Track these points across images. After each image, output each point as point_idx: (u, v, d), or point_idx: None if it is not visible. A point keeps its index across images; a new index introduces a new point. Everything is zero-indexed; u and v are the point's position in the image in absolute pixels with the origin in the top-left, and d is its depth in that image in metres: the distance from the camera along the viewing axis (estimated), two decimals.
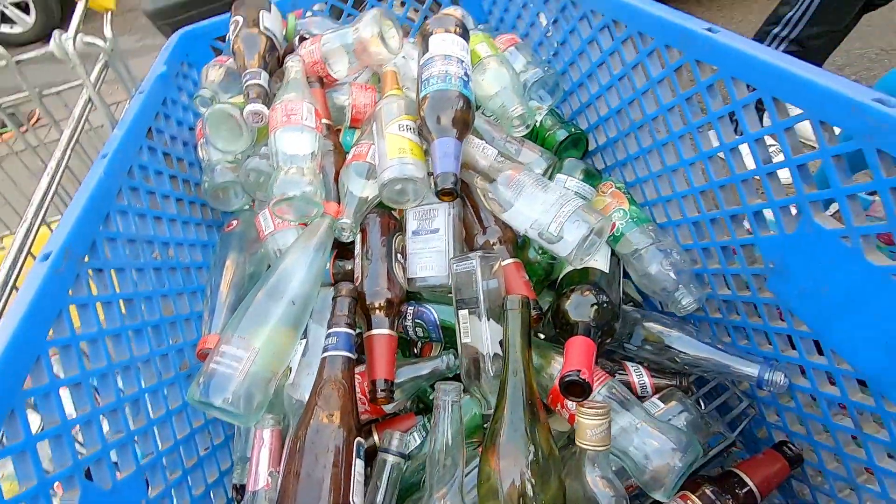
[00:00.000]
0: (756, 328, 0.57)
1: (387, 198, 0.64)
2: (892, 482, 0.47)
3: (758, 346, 0.58)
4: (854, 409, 0.48)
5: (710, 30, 0.49)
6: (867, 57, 2.10)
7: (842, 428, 0.50)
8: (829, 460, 0.54)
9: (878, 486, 0.48)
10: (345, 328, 0.57)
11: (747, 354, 0.57)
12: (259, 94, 0.69)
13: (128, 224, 0.56)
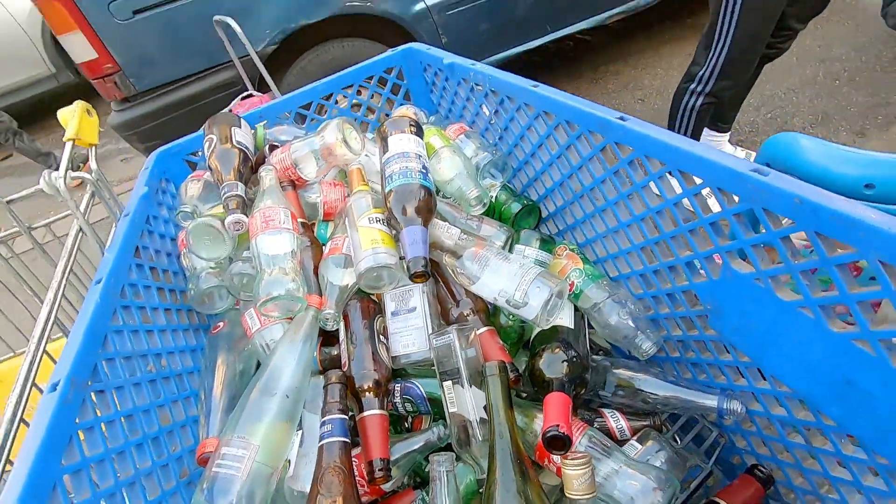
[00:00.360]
0: (709, 363, 0.64)
1: (365, 285, 0.70)
2: (847, 489, 0.52)
3: (714, 378, 0.64)
4: (801, 427, 0.54)
5: (622, 118, 0.59)
6: (777, 96, 2.36)
7: (796, 445, 0.56)
8: (794, 476, 0.59)
9: (837, 495, 0.53)
10: (338, 414, 0.61)
11: (707, 388, 0.63)
12: (238, 204, 0.75)
13: (123, 342, 0.59)
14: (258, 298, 0.66)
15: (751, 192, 0.46)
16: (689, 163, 0.51)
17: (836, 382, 0.47)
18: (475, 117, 0.93)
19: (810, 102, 2.26)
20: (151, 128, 2.06)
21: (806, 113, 2.21)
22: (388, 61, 1.02)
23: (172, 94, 2.03)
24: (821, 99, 2.26)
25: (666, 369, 0.72)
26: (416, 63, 1.03)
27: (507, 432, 0.57)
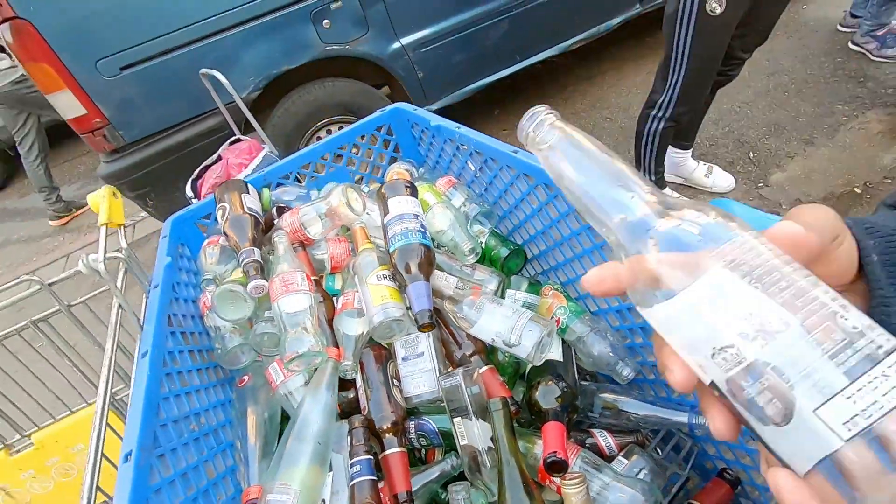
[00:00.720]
0: None
1: (378, 336, 0.79)
2: None
3: (685, 396, 0.75)
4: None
5: None
6: (733, 110, 2.54)
7: (754, 451, 0.67)
8: (756, 476, 0.70)
9: None
10: (365, 455, 0.70)
11: (679, 406, 0.73)
12: (257, 269, 0.84)
13: (170, 408, 0.67)
14: (285, 356, 0.74)
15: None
16: None
17: None
18: (461, 171, 1.03)
19: (763, 115, 2.44)
20: (141, 177, 2.12)
21: (760, 125, 2.38)
22: (377, 121, 1.12)
23: (160, 142, 2.10)
24: (772, 110, 2.44)
25: (645, 389, 0.83)
26: (404, 121, 1.13)
27: (512, 459, 0.67)
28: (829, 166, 2.08)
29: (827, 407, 0.21)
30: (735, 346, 0.24)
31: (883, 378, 0.21)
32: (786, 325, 0.23)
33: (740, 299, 0.24)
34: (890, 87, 2.33)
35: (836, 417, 0.21)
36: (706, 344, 0.25)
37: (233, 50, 2.02)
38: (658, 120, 1.78)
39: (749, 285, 0.25)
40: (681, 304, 0.26)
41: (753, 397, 0.23)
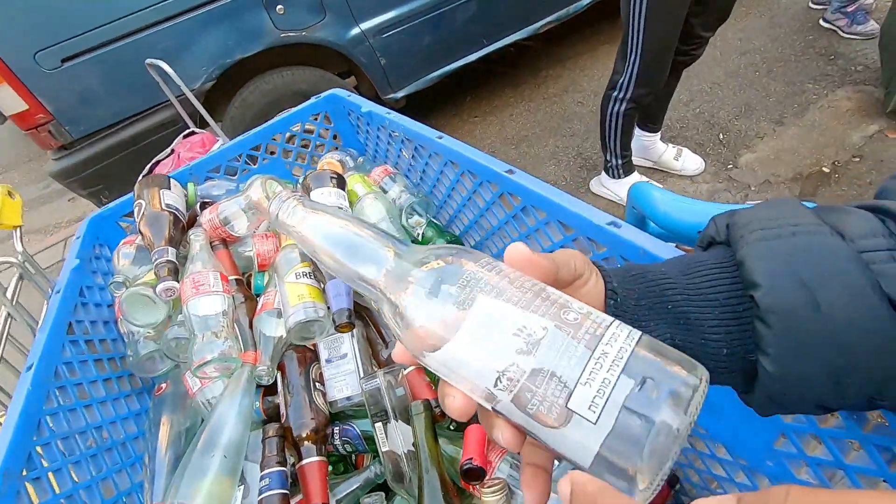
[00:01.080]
0: None
1: (295, 338, 0.74)
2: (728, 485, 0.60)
3: None
4: None
5: (510, 171, 0.65)
6: (704, 91, 2.50)
7: (687, 450, 0.63)
8: (692, 475, 0.67)
9: (722, 489, 0.61)
10: (276, 467, 0.65)
11: None
12: (169, 270, 0.78)
13: (59, 423, 0.62)
14: (192, 363, 0.69)
15: (610, 242, 0.52)
16: (563, 215, 0.58)
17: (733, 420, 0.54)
18: (398, 159, 0.98)
19: (734, 95, 2.40)
20: (93, 173, 2.04)
21: (730, 106, 2.35)
22: (313, 108, 1.06)
23: (111, 137, 2.01)
24: (743, 90, 2.40)
25: None
26: (341, 108, 1.07)
27: (432, 466, 0.63)
28: (798, 146, 2.05)
29: (573, 398, 0.23)
30: (515, 363, 0.25)
31: (602, 356, 0.23)
32: (545, 328, 0.25)
33: (509, 319, 0.25)
34: (860, 64, 2.30)
35: (582, 404, 0.22)
36: (489, 371, 0.25)
37: (182, 39, 1.93)
38: (619, 101, 1.73)
39: (510, 305, 0.26)
40: (457, 343, 0.26)
41: (535, 408, 0.24)
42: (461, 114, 3.01)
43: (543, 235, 0.65)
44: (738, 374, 0.31)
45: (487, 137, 2.75)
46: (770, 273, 0.28)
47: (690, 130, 2.30)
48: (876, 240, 0.27)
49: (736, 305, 0.30)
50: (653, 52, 1.54)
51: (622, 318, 0.30)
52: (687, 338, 0.31)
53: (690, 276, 0.32)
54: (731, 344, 0.30)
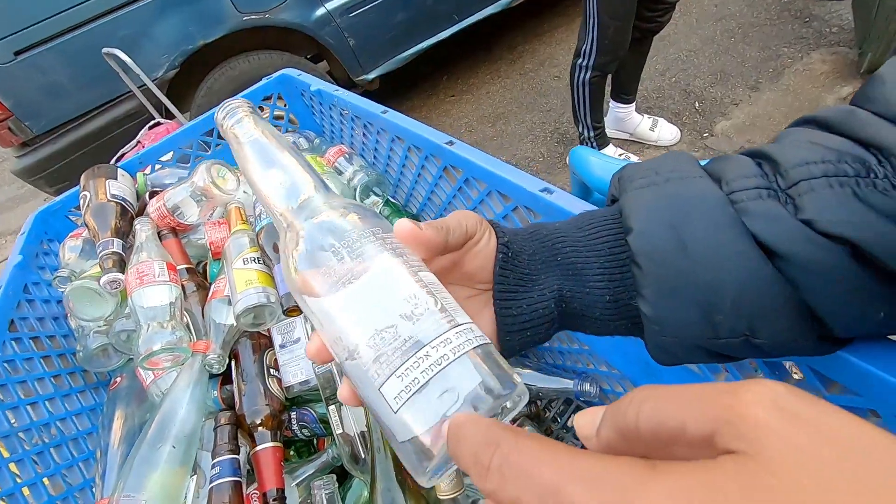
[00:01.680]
0: (568, 350, 0.70)
1: (245, 325, 0.72)
2: None
3: (575, 364, 0.71)
4: None
5: (450, 142, 0.63)
6: (680, 59, 2.47)
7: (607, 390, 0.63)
8: None
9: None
10: (227, 455, 0.64)
11: (565, 373, 0.69)
12: (115, 262, 0.76)
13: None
14: (138, 355, 0.68)
15: (544, 209, 0.51)
16: (501, 185, 0.56)
17: (640, 363, 0.54)
18: (352, 139, 0.95)
19: (709, 62, 2.37)
20: (59, 169, 1.99)
21: (706, 73, 2.32)
22: (264, 89, 1.03)
23: (75, 131, 1.97)
24: (718, 57, 2.37)
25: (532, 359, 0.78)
26: (293, 88, 1.04)
27: (384, 446, 0.62)
28: (773, 111, 2.04)
29: (385, 385, 0.23)
30: (395, 325, 0.25)
31: (423, 357, 0.23)
32: (427, 309, 0.25)
33: (404, 284, 0.26)
34: (834, 25, 2.27)
35: (390, 392, 0.23)
36: (367, 327, 0.25)
37: (140, 26, 1.87)
38: (583, 69, 1.70)
39: (409, 272, 0.27)
40: (347, 292, 0.26)
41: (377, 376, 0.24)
42: (437, 93, 2.96)
43: (487, 207, 0.64)
44: (626, 321, 0.32)
45: (464, 116, 2.71)
46: (641, 217, 0.29)
47: (667, 100, 2.27)
48: (747, 180, 0.28)
49: (618, 254, 0.31)
50: (609, 18, 1.51)
51: (513, 270, 0.32)
52: (574, 287, 0.32)
53: (582, 230, 0.33)
54: (615, 291, 0.31)
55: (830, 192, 0.26)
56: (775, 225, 0.26)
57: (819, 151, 0.27)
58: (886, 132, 0.26)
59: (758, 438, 0.13)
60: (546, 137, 2.37)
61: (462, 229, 0.31)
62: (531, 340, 0.33)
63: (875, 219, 0.24)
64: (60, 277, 0.78)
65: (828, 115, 0.29)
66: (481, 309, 0.33)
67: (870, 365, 0.29)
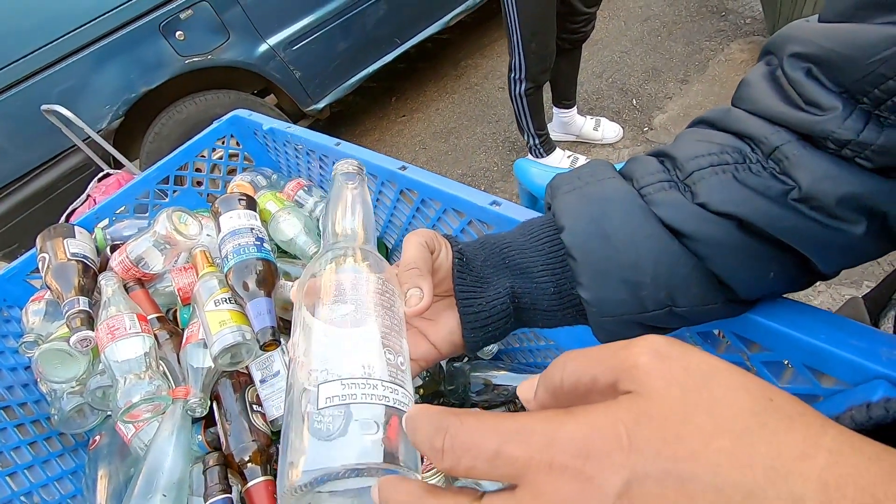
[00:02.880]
0: (537, 348, 0.74)
1: (223, 366, 0.73)
2: None
3: (545, 359, 0.75)
4: None
5: (402, 167, 0.67)
6: (613, 60, 2.60)
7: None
8: None
9: None
10: (220, 495, 0.65)
11: (537, 370, 0.73)
12: (83, 320, 0.76)
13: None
14: (117, 409, 0.68)
15: (495, 220, 0.55)
16: (453, 202, 0.60)
17: None
18: (310, 171, 0.98)
19: (641, 61, 2.52)
20: (5, 232, 1.92)
21: (639, 71, 2.46)
22: (217, 132, 1.05)
23: (20, 191, 1.90)
24: (649, 56, 2.53)
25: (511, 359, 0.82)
26: (246, 128, 1.06)
27: None
28: (703, 101, 2.18)
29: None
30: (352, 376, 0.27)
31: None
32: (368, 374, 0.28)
33: (363, 346, 0.29)
34: (748, 17, 2.46)
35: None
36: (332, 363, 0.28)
37: (78, 79, 1.84)
38: (518, 82, 1.78)
39: (379, 338, 0.30)
40: (337, 332, 0.30)
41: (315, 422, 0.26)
42: (388, 115, 3.01)
43: (445, 224, 0.68)
44: (571, 309, 0.37)
45: (417, 135, 2.77)
46: (569, 217, 0.34)
47: (606, 100, 2.39)
48: (652, 176, 0.33)
49: (557, 251, 0.36)
50: (530, 34, 1.60)
51: (469, 274, 0.37)
52: (523, 284, 0.36)
53: (525, 235, 0.38)
54: (558, 283, 0.36)
55: (716, 178, 0.31)
56: (677, 210, 0.32)
57: (705, 146, 0.33)
58: (754, 125, 0.31)
59: (643, 379, 0.17)
60: (498, 147, 2.45)
61: (427, 252, 0.35)
62: (492, 336, 0.37)
63: (752, 196, 0.30)
64: (27, 343, 0.77)
65: (712, 116, 0.35)
66: (443, 311, 0.38)
67: (773, 322, 0.34)
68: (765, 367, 0.38)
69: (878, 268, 1.47)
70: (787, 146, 0.29)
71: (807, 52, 0.28)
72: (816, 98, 0.28)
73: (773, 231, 0.30)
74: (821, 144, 0.28)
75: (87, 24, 1.79)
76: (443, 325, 0.37)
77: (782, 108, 0.30)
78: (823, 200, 0.28)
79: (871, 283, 1.45)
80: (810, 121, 0.28)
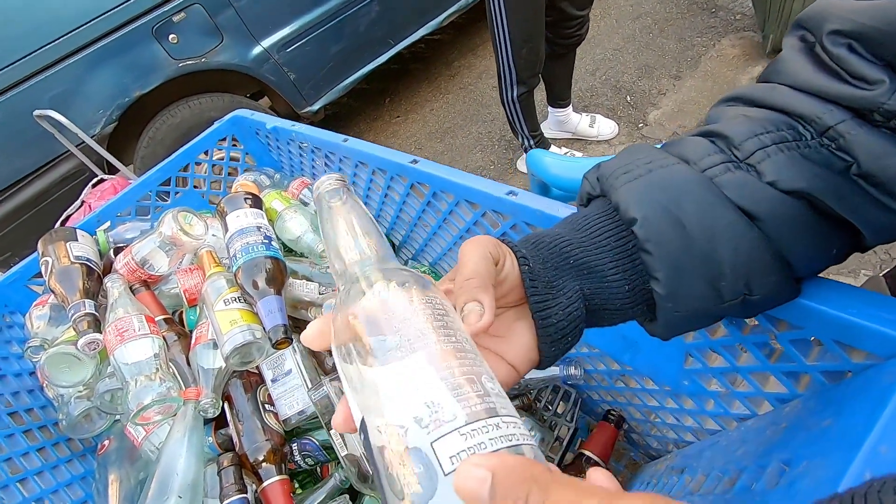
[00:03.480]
0: None
1: (235, 365, 0.73)
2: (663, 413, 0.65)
3: None
4: (617, 375, 0.66)
5: (414, 161, 0.67)
6: (606, 58, 2.62)
7: (623, 389, 0.68)
8: (633, 412, 0.72)
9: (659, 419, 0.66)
10: (236, 495, 0.64)
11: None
12: (89, 323, 0.75)
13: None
14: (129, 411, 0.67)
15: (512, 211, 0.55)
16: (468, 193, 0.60)
17: (618, 338, 0.58)
18: (314, 169, 0.98)
19: (634, 58, 2.53)
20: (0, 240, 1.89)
21: (632, 68, 2.48)
22: (218, 132, 1.04)
23: (12, 199, 1.87)
24: (641, 53, 2.54)
25: None
26: (247, 128, 1.05)
27: None
28: (697, 96, 2.20)
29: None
30: (406, 425, 0.22)
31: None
32: (454, 416, 0.22)
33: (429, 386, 0.23)
34: (738, 13, 2.48)
35: None
36: (405, 412, 0.23)
37: (71, 84, 1.82)
38: (509, 89, 1.78)
39: (439, 379, 0.24)
40: (392, 372, 0.24)
41: (393, 475, 0.22)
42: (382, 116, 3.01)
43: (457, 216, 0.68)
44: (642, 305, 0.34)
45: (412, 136, 2.77)
46: (640, 207, 0.31)
47: (600, 97, 2.41)
48: (710, 158, 0.32)
49: (625, 245, 0.33)
50: (522, 41, 1.59)
51: (539, 280, 0.32)
52: (594, 284, 0.33)
53: (582, 231, 0.34)
54: (631, 279, 0.33)
55: (783, 156, 0.30)
56: (747, 191, 0.30)
57: (759, 124, 0.32)
58: (802, 102, 0.31)
59: None
60: (494, 146, 2.46)
61: (491, 263, 0.31)
62: (567, 346, 0.33)
63: (820, 171, 0.29)
64: (33, 347, 0.75)
65: (751, 93, 0.34)
66: (514, 321, 0.33)
67: (805, 299, 0.34)
68: (792, 346, 0.38)
69: (875, 256, 1.49)
70: (843, 125, 0.29)
71: (846, 28, 0.28)
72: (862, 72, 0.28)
73: (839, 207, 0.29)
74: (869, 119, 0.28)
75: (79, 28, 1.77)
76: (517, 341, 0.33)
77: (827, 82, 0.29)
78: (882, 177, 0.28)
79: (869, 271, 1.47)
80: (859, 95, 0.28)
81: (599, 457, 0.70)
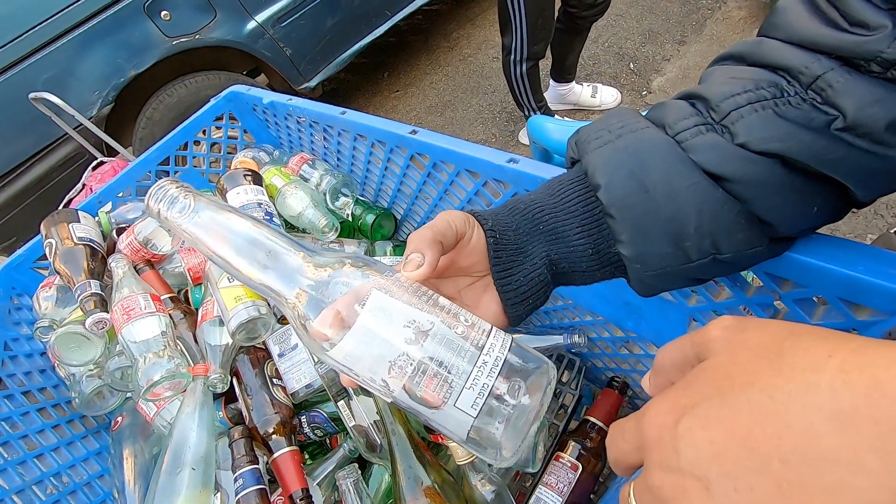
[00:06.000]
0: (556, 308, 0.75)
1: (241, 341, 0.74)
2: None
3: (562, 319, 0.75)
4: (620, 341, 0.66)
5: (413, 132, 0.66)
6: (609, 25, 2.55)
7: (627, 356, 0.68)
8: (637, 378, 0.72)
9: None
10: (248, 466, 0.65)
11: (554, 330, 0.74)
12: (96, 302, 0.75)
13: (10, 478, 0.60)
14: (139, 388, 0.68)
15: (513, 179, 0.55)
16: (468, 163, 0.59)
17: (621, 304, 0.58)
18: (312, 145, 0.97)
19: (637, 23, 2.46)
20: (3, 225, 1.90)
21: (635, 34, 2.41)
22: (214, 110, 1.03)
23: (13, 185, 1.87)
24: (645, 18, 2.47)
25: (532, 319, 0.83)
26: (244, 104, 1.04)
27: (399, 428, 0.65)
28: (702, 61, 2.15)
29: (461, 399, 0.28)
30: (405, 352, 0.28)
31: (483, 365, 0.28)
32: (432, 322, 0.29)
33: (398, 313, 0.29)
34: None
35: (466, 403, 0.28)
36: (382, 362, 0.29)
37: (64, 65, 1.79)
38: (518, 63, 1.75)
39: (400, 302, 0.30)
40: (355, 335, 0.29)
41: (420, 395, 0.28)
42: (381, 91, 2.96)
43: (458, 187, 0.67)
44: (609, 267, 0.35)
45: (412, 110, 2.73)
46: (605, 173, 0.32)
47: (603, 65, 2.35)
48: (686, 121, 0.32)
49: (592, 210, 0.34)
50: (539, 11, 1.57)
51: (504, 250, 0.35)
52: (559, 249, 0.35)
53: (556, 196, 0.36)
54: (596, 244, 0.34)
55: (756, 115, 0.30)
56: (717, 153, 0.30)
57: (739, 83, 0.31)
58: (789, 55, 0.30)
59: (713, 348, 0.21)
60: (495, 118, 2.42)
61: (452, 231, 0.33)
62: (532, 307, 0.36)
63: (795, 130, 0.29)
64: (42, 328, 0.76)
65: (741, 50, 0.34)
66: (482, 292, 0.36)
67: (809, 258, 0.34)
68: (797, 305, 0.38)
69: (881, 220, 1.47)
70: (830, 74, 0.28)
71: None
72: (863, 16, 0.27)
73: (817, 164, 0.29)
74: (864, 69, 0.28)
75: (69, 7, 1.73)
76: (485, 308, 0.36)
77: (823, 30, 0.29)
78: (872, 126, 0.27)
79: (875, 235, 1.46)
80: (855, 41, 0.27)
81: (604, 423, 0.71)
